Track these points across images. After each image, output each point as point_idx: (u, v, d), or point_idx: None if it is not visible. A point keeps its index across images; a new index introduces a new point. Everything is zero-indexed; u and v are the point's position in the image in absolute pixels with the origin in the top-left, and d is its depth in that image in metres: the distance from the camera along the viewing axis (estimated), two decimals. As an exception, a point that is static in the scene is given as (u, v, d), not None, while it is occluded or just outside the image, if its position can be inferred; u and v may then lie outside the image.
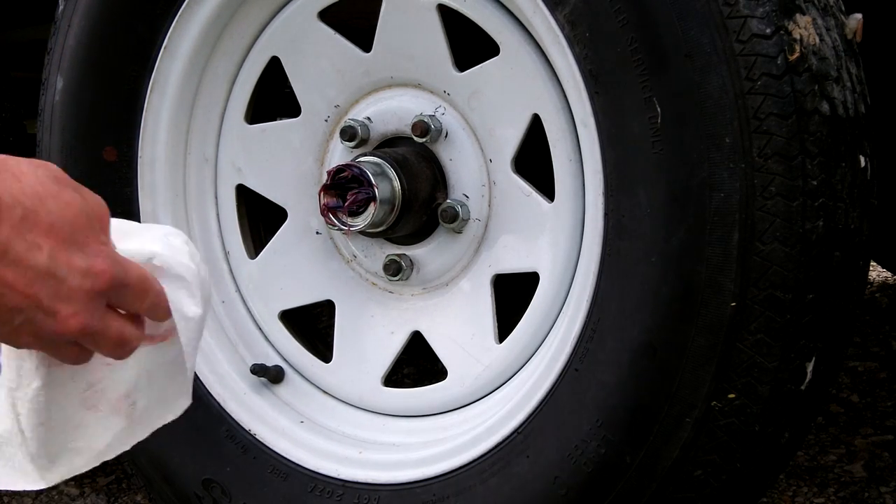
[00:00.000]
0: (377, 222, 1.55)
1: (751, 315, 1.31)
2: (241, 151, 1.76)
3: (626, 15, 1.33)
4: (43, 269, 0.91)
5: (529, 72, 1.51)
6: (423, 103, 1.61)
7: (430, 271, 1.63)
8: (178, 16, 1.69)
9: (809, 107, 1.29)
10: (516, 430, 1.48)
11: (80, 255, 0.94)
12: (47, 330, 0.94)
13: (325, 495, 1.63)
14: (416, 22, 1.59)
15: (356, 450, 1.66)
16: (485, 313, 1.60)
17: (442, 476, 1.54)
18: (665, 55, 1.31)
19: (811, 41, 1.31)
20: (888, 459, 2.25)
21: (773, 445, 1.39)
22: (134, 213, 1.78)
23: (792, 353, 1.33)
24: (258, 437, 1.70)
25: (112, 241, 1.01)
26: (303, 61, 1.69)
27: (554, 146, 1.51)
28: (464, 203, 1.58)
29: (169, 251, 1.06)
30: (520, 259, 1.57)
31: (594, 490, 1.41)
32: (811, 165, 1.29)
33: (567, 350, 1.43)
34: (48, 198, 0.92)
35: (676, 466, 1.37)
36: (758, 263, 1.29)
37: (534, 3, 1.43)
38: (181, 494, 1.74)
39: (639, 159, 1.34)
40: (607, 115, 1.37)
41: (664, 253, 1.33)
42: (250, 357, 1.78)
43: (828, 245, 1.31)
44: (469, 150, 1.57)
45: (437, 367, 1.67)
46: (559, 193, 1.51)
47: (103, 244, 0.96)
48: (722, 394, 1.33)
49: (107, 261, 0.95)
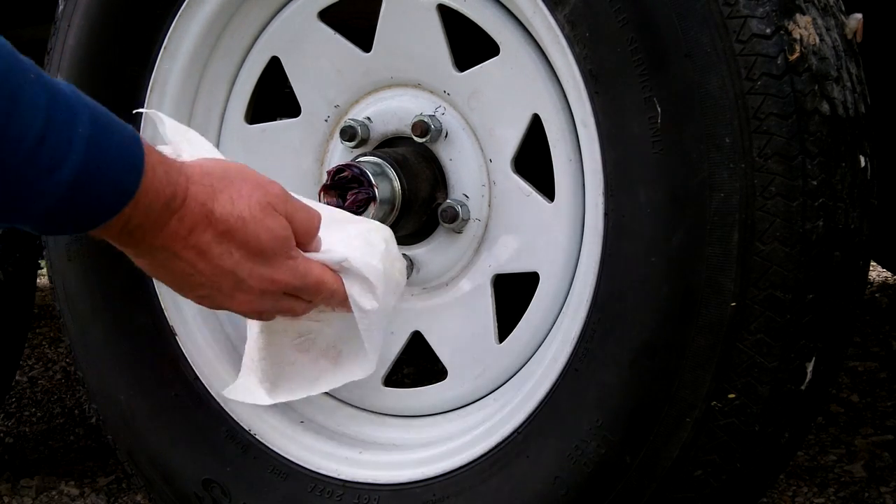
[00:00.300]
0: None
1: (751, 315, 1.31)
2: (241, 151, 1.76)
3: (626, 15, 1.33)
4: (228, 269, 1.18)
5: (529, 72, 1.51)
6: (423, 103, 1.61)
7: (430, 271, 1.63)
8: (178, 16, 1.69)
9: (809, 107, 1.29)
10: (516, 430, 1.48)
11: (265, 267, 1.21)
12: (224, 306, 1.23)
13: (325, 495, 1.63)
14: (416, 22, 1.59)
15: (356, 450, 1.66)
16: (485, 313, 1.60)
17: (442, 476, 1.54)
18: (665, 55, 1.31)
19: (811, 41, 1.31)
20: (888, 459, 2.25)
21: (773, 445, 1.39)
22: (134, 213, 1.78)
23: (792, 353, 1.33)
24: (258, 437, 1.70)
25: (319, 239, 1.29)
26: (303, 61, 1.69)
27: (554, 146, 1.51)
28: (464, 203, 1.58)
29: (360, 253, 1.32)
30: (520, 259, 1.57)
31: (594, 490, 1.41)
32: (811, 165, 1.29)
33: (567, 350, 1.43)
34: (251, 221, 1.18)
35: (676, 466, 1.37)
36: (758, 263, 1.29)
37: (534, 3, 1.43)
38: (181, 494, 1.74)
39: (639, 159, 1.34)
40: (607, 115, 1.37)
41: (664, 253, 1.33)
42: (250, 357, 1.78)
43: (828, 245, 1.31)
44: (469, 150, 1.57)
45: (437, 367, 1.67)
46: (559, 193, 1.51)
47: (291, 258, 1.24)
48: (722, 394, 1.33)
49: (287, 273, 1.23)
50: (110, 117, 1.05)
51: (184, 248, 1.15)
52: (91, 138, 1.01)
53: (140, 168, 1.06)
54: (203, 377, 1.75)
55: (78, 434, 2.83)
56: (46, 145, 0.98)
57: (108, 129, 1.04)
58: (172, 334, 1.77)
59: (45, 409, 3.06)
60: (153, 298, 1.77)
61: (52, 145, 0.98)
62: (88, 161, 1.01)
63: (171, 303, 1.77)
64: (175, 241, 1.14)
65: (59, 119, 0.99)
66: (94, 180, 1.02)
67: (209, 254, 1.16)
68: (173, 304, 1.77)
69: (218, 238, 1.16)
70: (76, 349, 1.85)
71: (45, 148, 0.98)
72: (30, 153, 0.97)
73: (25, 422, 2.97)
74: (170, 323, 1.77)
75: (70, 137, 0.99)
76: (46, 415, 3.01)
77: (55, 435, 2.84)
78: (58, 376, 3.35)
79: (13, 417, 3.00)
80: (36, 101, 0.97)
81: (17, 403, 3.11)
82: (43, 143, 0.97)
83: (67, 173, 1.00)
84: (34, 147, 0.97)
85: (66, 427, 2.89)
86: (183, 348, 1.76)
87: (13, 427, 2.93)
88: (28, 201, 1.00)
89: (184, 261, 1.16)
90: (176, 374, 1.76)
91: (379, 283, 1.34)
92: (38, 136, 0.97)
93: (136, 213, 1.08)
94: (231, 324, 1.80)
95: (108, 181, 1.03)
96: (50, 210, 1.01)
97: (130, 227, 1.09)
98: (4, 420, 2.99)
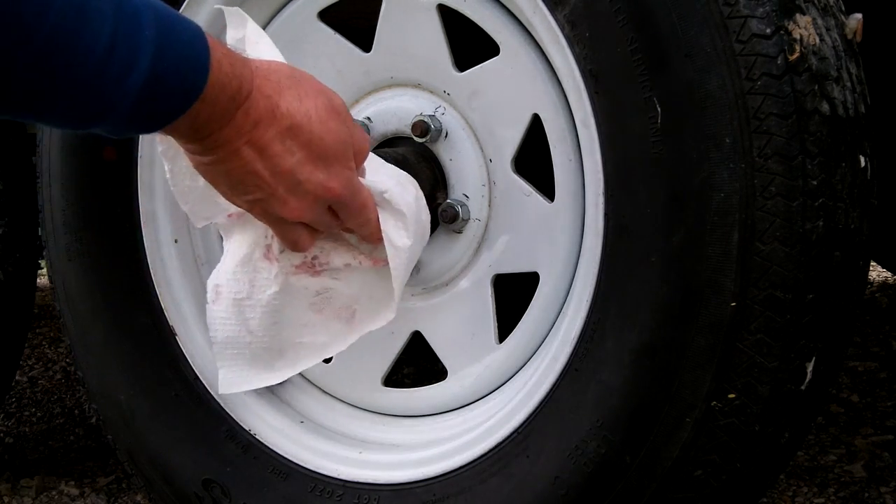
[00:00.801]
0: (377, 222, 1.55)
1: (751, 315, 1.31)
2: (241, 151, 1.76)
3: (626, 15, 1.33)
4: (287, 169, 1.17)
5: (529, 72, 1.51)
6: (423, 103, 1.61)
7: (430, 271, 1.63)
8: (178, 16, 1.69)
9: (809, 107, 1.29)
10: (516, 430, 1.48)
11: (323, 172, 1.20)
12: (275, 211, 1.21)
13: (325, 495, 1.63)
14: (416, 22, 1.59)
15: (356, 450, 1.66)
16: (485, 313, 1.60)
17: (442, 476, 1.54)
18: (665, 55, 1.31)
19: (811, 41, 1.31)
20: (888, 459, 2.25)
21: (773, 445, 1.39)
22: (134, 212, 1.78)
23: (792, 353, 1.33)
24: (258, 437, 1.70)
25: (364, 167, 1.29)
26: (303, 61, 1.69)
27: (554, 146, 1.51)
28: (464, 203, 1.58)
29: (399, 189, 1.33)
30: (520, 259, 1.57)
31: (594, 490, 1.41)
32: (811, 165, 1.29)
33: (567, 350, 1.43)
34: (316, 121, 1.17)
35: (676, 466, 1.37)
36: (758, 263, 1.29)
37: (534, 4, 1.43)
38: (181, 494, 1.74)
39: (639, 159, 1.34)
40: (607, 115, 1.37)
41: (664, 253, 1.33)
42: (250, 357, 1.79)
43: (828, 245, 1.31)
44: (469, 150, 1.57)
45: (437, 367, 1.67)
46: (559, 193, 1.51)
47: (348, 169, 1.23)
48: (722, 394, 1.33)
49: (341, 183, 1.22)
50: (174, 15, 1.06)
51: (246, 144, 1.13)
52: (157, 40, 1.02)
53: (206, 64, 1.06)
54: (203, 377, 1.75)
55: (78, 434, 2.83)
56: (116, 53, 0.99)
57: (174, 28, 1.04)
58: (172, 334, 1.77)
59: (45, 409, 3.06)
60: (153, 298, 1.77)
61: (121, 53, 1.00)
62: (156, 64, 1.02)
63: (171, 303, 1.77)
64: (239, 135, 1.12)
65: (125, 25, 1.00)
66: (163, 82, 1.03)
67: (270, 150, 1.15)
68: (173, 304, 1.77)
69: (281, 136, 1.15)
70: (76, 349, 1.85)
71: (115, 56, 0.99)
72: (101, 63, 0.98)
73: (25, 422, 2.97)
74: (170, 323, 1.77)
75: (138, 42, 1.00)
76: (46, 415, 3.01)
77: (55, 435, 2.84)
78: (58, 376, 3.35)
79: (13, 417, 3.00)
80: (103, 9, 0.98)
81: (17, 403, 3.11)
82: (113, 51, 0.99)
83: (137, 78, 1.01)
84: (104, 57, 0.98)
85: (66, 427, 2.89)
86: (183, 348, 1.76)
87: (13, 427, 2.93)
88: (102, 108, 1.01)
89: (244, 159, 1.14)
90: (176, 374, 1.76)
91: (412, 223, 1.35)
92: (107, 46, 0.98)
93: (204, 108, 1.08)
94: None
95: (176, 81, 1.04)
96: (122, 114, 1.03)
97: (198, 123, 1.09)
98: (4, 420, 2.99)
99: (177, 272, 1.79)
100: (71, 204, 1.81)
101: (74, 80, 0.98)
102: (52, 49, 0.96)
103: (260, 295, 1.39)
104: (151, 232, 1.78)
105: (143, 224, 1.78)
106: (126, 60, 1.00)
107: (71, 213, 1.81)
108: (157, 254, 1.78)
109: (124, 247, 1.79)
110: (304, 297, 1.40)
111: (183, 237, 1.79)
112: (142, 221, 1.78)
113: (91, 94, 1.00)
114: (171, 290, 1.78)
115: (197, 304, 1.78)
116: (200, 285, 1.79)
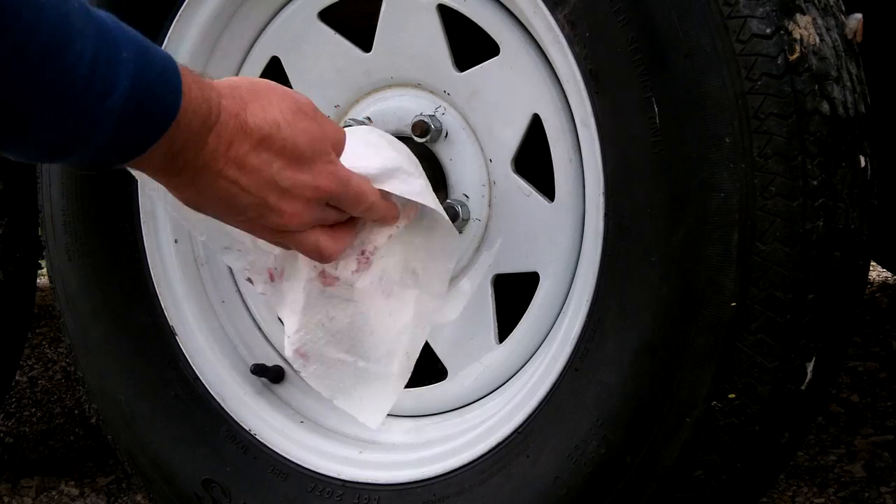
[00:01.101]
0: (377, 222, 1.55)
1: (751, 315, 1.31)
2: (241, 151, 1.76)
3: (626, 15, 1.33)
4: (269, 178, 1.17)
5: (529, 72, 1.51)
6: (423, 103, 1.61)
7: (430, 271, 1.63)
8: (178, 16, 1.70)
9: (809, 107, 1.29)
10: (516, 430, 1.48)
11: (306, 173, 1.20)
12: (275, 223, 1.21)
13: (325, 495, 1.63)
14: (416, 22, 1.59)
15: (356, 450, 1.66)
16: (485, 313, 1.60)
17: (442, 476, 1.54)
18: (665, 55, 1.31)
19: (811, 41, 1.31)
20: (888, 459, 2.25)
21: (773, 445, 1.39)
22: (134, 212, 1.78)
23: (792, 353, 1.32)
24: (258, 438, 1.70)
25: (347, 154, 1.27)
26: (303, 61, 1.69)
27: (554, 146, 1.51)
28: (464, 203, 1.58)
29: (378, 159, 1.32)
30: (520, 259, 1.57)
31: (594, 490, 1.41)
32: (811, 165, 1.29)
33: (567, 350, 1.43)
34: (285, 126, 1.18)
35: (676, 466, 1.37)
36: (758, 263, 1.29)
37: (534, 3, 1.43)
38: (181, 495, 1.74)
39: (639, 159, 1.34)
40: (607, 115, 1.37)
41: (664, 253, 1.33)
42: (250, 357, 1.79)
43: (828, 245, 1.31)
44: (469, 150, 1.57)
45: (438, 367, 1.67)
46: (559, 193, 1.51)
47: (330, 163, 1.23)
48: (722, 394, 1.33)
49: (328, 179, 1.22)
50: (147, 41, 1.07)
51: (225, 165, 1.14)
52: (135, 61, 1.03)
53: (179, 88, 1.08)
54: (203, 377, 1.75)
55: (78, 434, 2.83)
56: (98, 73, 1.00)
57: (147, 50, 1.06)
58: (172, 334, 1.77)
59: (45, 409, 3.06)
60: (153, 298, 1.77)
61: (102, 73, 1.01)
62: (135, 84, 1.03)
63: (171, 303, 1.77)
64: (216, 158, 1.14)
65: (105, 45, 1.01)
66: (140, 104, 1.04)
67: (248, 165, 1.16)
68: (173, 304, 1.77)
69: (255, 148, 1.16)
70: (76, 349, 1.85)
71: (97, 76, 1.00)
72: (84, 81, 0.99)
73: (25, 422, 2.97)
74: (170, 323, 1.77)
75: (117, 64, 1.02)
76: (46, 415, 3.01)
77: (55, 435, 2.84)
78: (58, 376, 3.34)
79: (13, 417, 3.00)
80: (86, 29, 0.99)
81: (17, 403, 3.11)
82: (95, 71, 1.00)
83: (118, 98, 1.02)
84: (87, 76, 0.99)
85: (66, 427, 2.89)
86: (183, 348, 1.76)
87: (13, 427, 2.93)
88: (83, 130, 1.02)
89: (226, 179, 1.16)
90: (176, 374, 1.76)
91: (409, 166, 1.35)
92: (90, 64, 0.99)
93: (178, 135, 1.09)
94: (231, 324, 1.80)
95: (154, 102, 1.05)
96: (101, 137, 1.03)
97: (173, 151, 1.10)
98: (4, 420, 2.99)
99: (177, 272, 1.79)
100: (71, 204, 1.81)
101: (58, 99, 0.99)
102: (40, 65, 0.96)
103: (346, 319, 1.39)
104: (151, 232, 1.78)
105: (143, 224, 1.78)
106: (107, 79, 1.01)
107: (71, 213, 1.81)
108: (157, 254, 1.78)
109: (124, 247, 1.79)
110: (376, 290, 1.39)
111: (183, 237, 1.79)
112: (142, 221, 1.78)
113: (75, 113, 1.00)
114: (171, 290, 1.78)
115: (197, 304, 1.79)
116: (200, 285, 1.79)
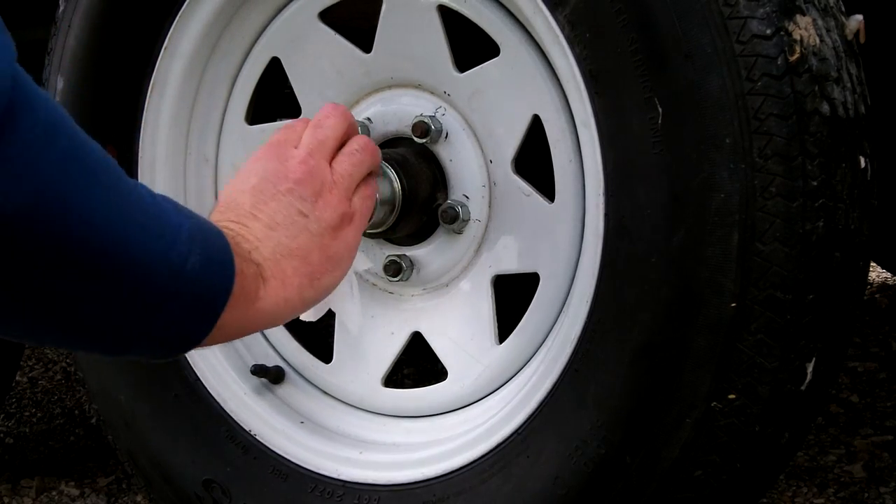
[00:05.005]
0: (377, 223, 1.55)
1: (751, 315, 1.31)
2: (241, 152, 1.76)
3: (627, 15, 1.34)
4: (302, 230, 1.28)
5: (530, 72, 1.51)
6: (423, 104, 1.61)
7: (430, 272, 1.63)
8: (179, 16, 1.69)
9: (809, 107, 1.29)
10: (516, 431, 1.48)
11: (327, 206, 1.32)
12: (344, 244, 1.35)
13: (325, 496, 1.63)
14: (417, 22, 1.59)
15: (356, 450, 1.66)
16: (485, 314, 1.60)
17: (442, 476, 1.54)
18: (665, 55, 1.31)
19: (811, 42, 1.31)
20: (888, 459, 2.25)
21: (773, 445, 1.39)
22: (134, 213, 1.78)
23: (792, 353, 1.33)
24: (258, 438, 1.70)
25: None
26: (303, 62, 1.69)
27: (554, 147, 1.51)
28: (464, 204, 1.58)
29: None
30: (520, 259, 1.57)
31: (594, 490, 1.41)
32: (811, 166, 1.29)
33: (567, 350, 1.43)
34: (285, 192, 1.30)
35: (676, 466, 1.37)
36: (758, 264, 1.30)
37: (534, 4, 1.43)
38: (181, 495, 1.74)
39: (639, 159, 1.34)
40: (607, 116, 1.37)
41: (664, 253, 1.33)
42: (250, 357, 1.79)
43: (828, 245, 1.31)
44: (469, 150, 1.57)
45: (437, 367, 1.67)
46: (559, 194, 1.51)
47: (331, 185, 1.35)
48: (722, 394, 1.33)
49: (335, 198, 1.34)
50: (202, 220, 1.15)
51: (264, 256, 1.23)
52: (203, 252, 1.10)
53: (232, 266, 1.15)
54: (203, 378, 1.75)
55: (78, 434, 2.83)
56: (189, 265, 1.08)
57: (209, 233, 1.14)
58: (173, 334, 1.77)
59: (45, 409, 3.06)
60: (153, 299, 1.77)
61: (192, 264, 1.08)
62: (206, 271, 1.10)
63: (172, 303, 1.77)
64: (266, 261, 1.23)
65: (190, 239, 1.09)
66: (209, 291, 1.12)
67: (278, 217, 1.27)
68: (173, 305, 1.77)
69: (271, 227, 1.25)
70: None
71: (188, 268, 1.08)
72: (178, 271, 1.07)
73: (25, 422, 2.97)
74: (170, 323, 1.77)
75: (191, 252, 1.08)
76: (46, 415, 3.01)
77: (55, 435, 2.84)
78: (58, 376, 3.35)
79: (13, 418, 3.00)
80: (180, 226, 1.08)
81: (17, 404, 3.11)
82: (186, 263, 1.07)
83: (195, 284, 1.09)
84: (180, 267, 1.07)
85: (66, 427, 2.89)
86: (183, 348, 1.76)
87: (13, 427, 2.93)
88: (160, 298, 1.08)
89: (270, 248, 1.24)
90: (176, 374, 1.76)
91: None
92: (183, 256, 1.07)
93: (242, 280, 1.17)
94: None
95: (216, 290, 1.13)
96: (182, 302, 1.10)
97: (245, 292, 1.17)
98: (4, 420, 2.99)
99: (177, 272, 1.79)
100: (71, 204, 1.81)
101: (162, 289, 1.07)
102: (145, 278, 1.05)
103: None
104: (152, 232, 1.78)
105: (143, 224, 1.78)
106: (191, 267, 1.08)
107: (71, 213, 1.81)
108: (157, 254, 1.78)
109: (124, 247, 1.78)
110: None
111: (183, 237, 1.79)
112: (142, 222, 1.78)
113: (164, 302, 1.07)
114: (171, 291, 1.78)
115: (197, 304, 1.78)
116: (201, 285, 1.79)
